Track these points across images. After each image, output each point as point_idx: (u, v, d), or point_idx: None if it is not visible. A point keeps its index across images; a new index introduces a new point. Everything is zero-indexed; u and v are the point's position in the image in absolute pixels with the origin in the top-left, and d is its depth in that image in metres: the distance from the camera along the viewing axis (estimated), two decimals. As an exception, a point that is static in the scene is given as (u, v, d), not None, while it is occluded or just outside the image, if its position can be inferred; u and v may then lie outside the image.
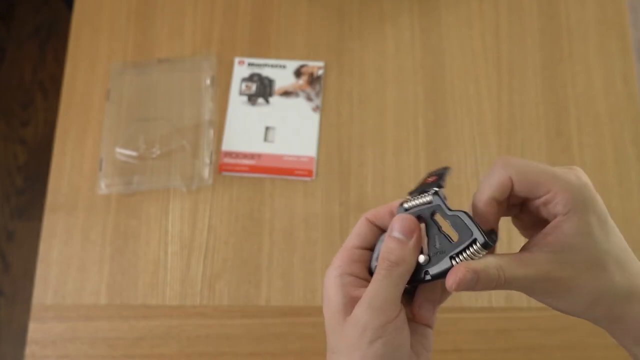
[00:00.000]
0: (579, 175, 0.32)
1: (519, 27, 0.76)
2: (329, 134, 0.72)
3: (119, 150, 0.70)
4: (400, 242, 0.32)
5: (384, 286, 0.31)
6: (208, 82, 0.73)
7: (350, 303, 0.32)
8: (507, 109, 0.73)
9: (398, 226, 0.33)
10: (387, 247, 0.32)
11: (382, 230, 0.35)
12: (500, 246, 0.35)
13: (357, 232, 0.35)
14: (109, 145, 0.70)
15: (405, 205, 0.34)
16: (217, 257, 0.67)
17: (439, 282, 0.32)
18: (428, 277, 0.32)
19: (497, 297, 0.65)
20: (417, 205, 0.33)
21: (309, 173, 0.70)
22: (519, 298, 0.65)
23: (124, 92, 0.73)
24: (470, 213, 0.32)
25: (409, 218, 0.33)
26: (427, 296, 0.35)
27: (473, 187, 0.70)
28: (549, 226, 0.31)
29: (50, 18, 1.66)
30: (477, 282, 0.30)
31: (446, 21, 0.76)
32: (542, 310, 0.61)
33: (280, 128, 0.72)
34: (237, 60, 0.75)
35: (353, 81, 0.74)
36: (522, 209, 0.35)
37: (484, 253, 0.31)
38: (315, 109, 0.72)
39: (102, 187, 0.69)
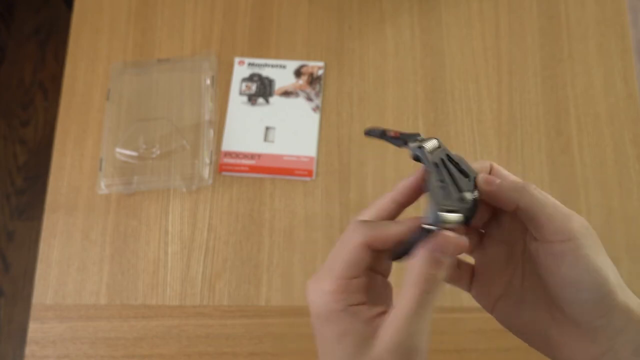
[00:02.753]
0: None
1: (519, 27, 0.76)
2: (329, 134, 0.72)
3: (119, 150, 0.70)
4: (441, 264, 0.28)
5: (419, 315, 0.27)
6: (208, 82, 0.73)
7: (371, 333, 0.28)
8: (507, 109, 0.73)
9: (441, 247, 0.28)
10: (427, 270, 0.28)
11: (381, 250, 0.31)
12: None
13: (355, 261, 0.29)
14: (109, 145, 0.70)
15: (427, 148, 0.32)
16: (217, 257, 0.67)
17: None
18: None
19: (497, 297, 0.65)
20: (433, 149, 0.33)
21: (309, 173, 0.70)
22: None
23: (124, 92, 0.73)
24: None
25: (454, 238, 0.29)
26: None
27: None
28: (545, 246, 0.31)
29: (50, 18, 1.66)
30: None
31: (446, 21, 0.76)
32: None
33: (280, 128, 0.72)
34: (237, 60, 0.75)
35: (353, 81, 0.74)
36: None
37: None
38: (315, 109, 0.72)
39: (102, 187, 0.69)
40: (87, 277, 0.67)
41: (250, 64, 0.74)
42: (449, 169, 0.32)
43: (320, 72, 0.74)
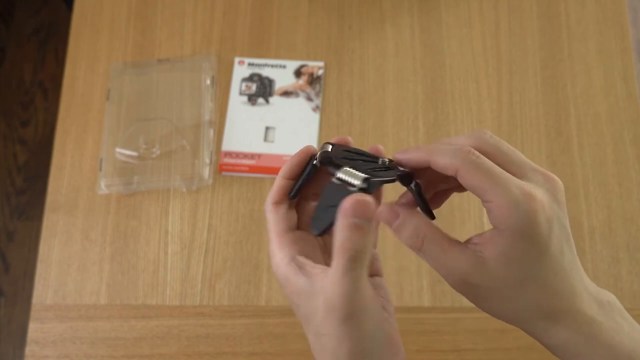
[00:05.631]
0: (536, 195, 0.29)
1: (519, 27, 0.76)
2: (329, 134, 0.72)
3: (119, 150, 0.70)
4: (360, 229, 0.28)
5: (350, 281, 0.28)
6: (208, 82, 0.73)
7: (316, 291, 0.30)
8: (507, 109, 0.73)
9: (356, 211, 0.28)
10: (346, 237, 0.28)
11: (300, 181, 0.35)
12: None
13: (276, 219, 0.34)
14: (109, 145, 0.70)
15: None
16: (217, 257, 0.67)
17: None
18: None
19: (497, 297, 0.65)
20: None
21: (309, 173, 0.70)
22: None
23: (124, 92, 0.73)
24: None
25: (366, 200, 0.28)
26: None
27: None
28: (486, 233, 0.31)
29: (50, 18, 1.66)
30: (398, 225, 0.32)
31: (446, 21, 0.76)
32: (542, 310, 0.61)
33: (280, 128, 0.72)
34: (237, 60, 0.75)
35: (353, 81, 0.74)
36: None
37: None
38: (315, 109, 0.72)
39: (102, 187, 0.69)
40: (87, 277, 0.67)
41: (250, 64, 0.74)
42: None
43: (320, 72, 0.74)
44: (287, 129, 0.72)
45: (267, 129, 0.72)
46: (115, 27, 0.77)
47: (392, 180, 0.32)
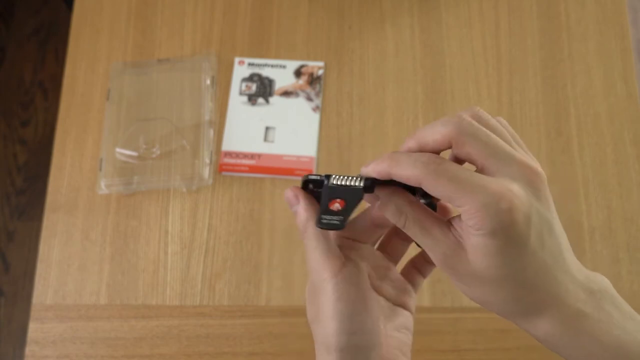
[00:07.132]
0: (507, 193, 0.28)
1: (519, 27, 0.76)
2: (329, 134, 0.72)
3: (119, 150, 0.70)
4: (295, 212, 0.37)
5: (309, 249, 0.37)
6: (208, 82, 0.73)
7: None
8: (507, 109, 0.73)
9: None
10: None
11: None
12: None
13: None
14: (109, 145, 0.70)
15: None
16: (217, 257, 0.67)
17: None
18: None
19: (497, 297, 0.65)
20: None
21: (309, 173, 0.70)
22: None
23: (124, 92, 0.73)
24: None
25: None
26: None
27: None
28: (464, 225, 0.30)
29: (50, 18, 1.66)
30: (380, 205, 0.34)
31: (446, 21, 0.76)
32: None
33: (280, 128, 0.72)
34: (237, 60, 0.75)
35: (353, 81, 0.74)
36: None
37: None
38: (315, 109, 0.72)
39: (102, 187, 0.69)
40: (87, 277, 0.67)
41: (250, 64, 0.74)
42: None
43: (320, 72, 0.74)
44: (287, 129, 0.72)
45: (267, 129, 0.72)
46: (115, 27, 0.77)
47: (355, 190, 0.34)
